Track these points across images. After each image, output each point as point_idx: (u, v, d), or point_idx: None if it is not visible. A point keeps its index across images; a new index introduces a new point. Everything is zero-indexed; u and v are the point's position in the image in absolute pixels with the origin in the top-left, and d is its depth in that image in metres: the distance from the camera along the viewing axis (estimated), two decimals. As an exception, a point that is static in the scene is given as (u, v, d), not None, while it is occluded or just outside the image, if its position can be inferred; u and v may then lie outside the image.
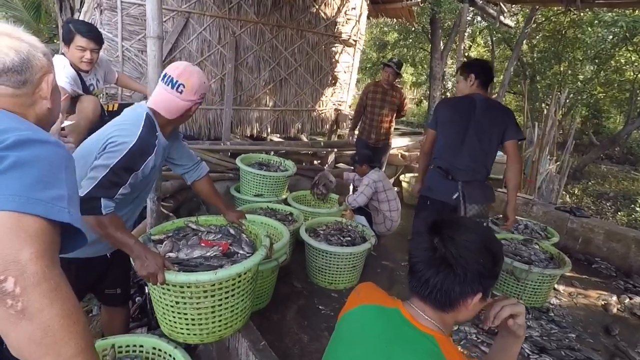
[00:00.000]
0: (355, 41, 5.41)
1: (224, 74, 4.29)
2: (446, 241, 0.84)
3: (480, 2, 3.92)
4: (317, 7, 4.82)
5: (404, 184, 4.80)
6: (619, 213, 7.15)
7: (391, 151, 5.07)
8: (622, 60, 9.10)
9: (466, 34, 10.88)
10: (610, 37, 8.48)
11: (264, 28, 4.50)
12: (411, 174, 5.00)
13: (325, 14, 4.94)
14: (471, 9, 4.32)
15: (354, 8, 5.24)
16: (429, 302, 0.88)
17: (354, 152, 3.94)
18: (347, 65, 5.46)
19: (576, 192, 8.19)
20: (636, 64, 9.04)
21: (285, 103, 4.94)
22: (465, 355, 0.86)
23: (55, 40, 7.55)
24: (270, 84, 4.74)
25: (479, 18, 10.72)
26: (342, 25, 5.18)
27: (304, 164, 4.81)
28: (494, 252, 0.87)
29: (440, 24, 9.01)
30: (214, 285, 1.48)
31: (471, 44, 12.37)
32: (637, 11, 6.97)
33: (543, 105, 8.90)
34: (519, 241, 3.07)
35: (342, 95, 5.51)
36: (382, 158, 4.31)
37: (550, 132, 5.09)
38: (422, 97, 15.20)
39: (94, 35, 2.29)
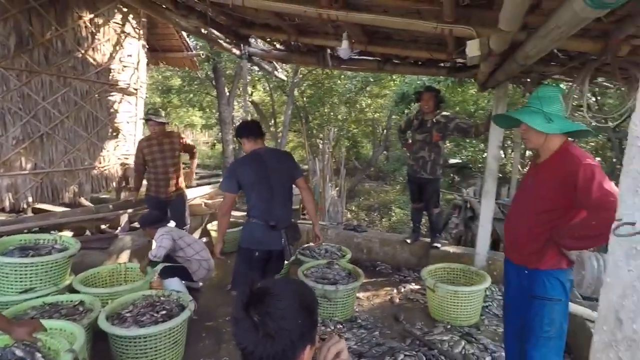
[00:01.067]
0: (136, 89, 5.02)
1: (-58, 132, 3.12)
2: (264, 316, 0.86)
3: (256, 59, 4.40)
4: (83, 51, 4.22)
5: (213, 233, 4.68)
6: (383, 220, 9.30)
7: (194, 201, 4.88)
8: (364, 104, 12.14)
9: (247, 82, 11.95)
10: (353, 87, 11.23)
11: (8, 74, 3.58)
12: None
13: (94, 59, 4.37)
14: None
15: (130, 55, 4.87)
16: None
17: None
18: (130, 115, 4.97)
19: (353, 208, 10.15)
20: (372, 106, 12.27)
21: (51, 163, 4.00)
22: None
23: None
24: (26, 141, 3.76)
25: (256, 68, 11.98)
26: (119, 73, 4.71)
27: (87, 232, 3.99)
28: (309, 305, 0.94)
29: (222, 72, 9.55)
30: None
31: (253, 90, 13.64)
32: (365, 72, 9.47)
33: (318, 140, 10.70)
34: (323, 265, 3.52)
35: (127, 148, 4.94)
36: (182, 211, 4.02)
37: (328, 163, 6.17)
38: (215, 140, 15.49)
39: None
